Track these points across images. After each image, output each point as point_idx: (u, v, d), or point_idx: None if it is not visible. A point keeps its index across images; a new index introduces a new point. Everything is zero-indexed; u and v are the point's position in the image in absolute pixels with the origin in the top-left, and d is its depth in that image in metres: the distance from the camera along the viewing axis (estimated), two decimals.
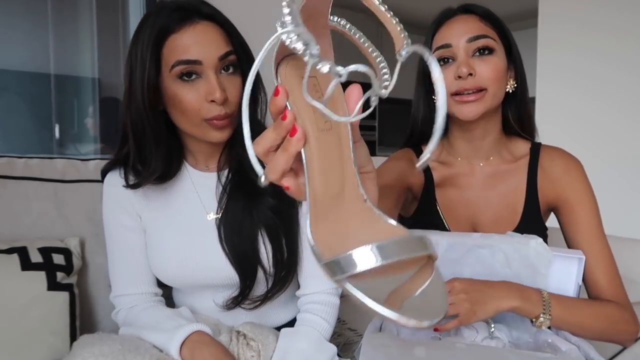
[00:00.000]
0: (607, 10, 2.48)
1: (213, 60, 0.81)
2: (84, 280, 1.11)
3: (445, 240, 0.93)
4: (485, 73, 0.91)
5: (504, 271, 0.89)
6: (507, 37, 0.97)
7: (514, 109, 1.01)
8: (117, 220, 0.94)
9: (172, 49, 0.81)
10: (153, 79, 0.81)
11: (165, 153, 0.88)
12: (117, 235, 0.95)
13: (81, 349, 0.78)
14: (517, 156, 1.03)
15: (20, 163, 1.12)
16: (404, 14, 4.81)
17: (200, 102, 0.81)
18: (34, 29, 2.08)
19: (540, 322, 0.84)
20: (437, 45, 0.95)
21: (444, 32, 0.95)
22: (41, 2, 2.09)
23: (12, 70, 2.05)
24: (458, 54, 0.92)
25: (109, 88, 2.22)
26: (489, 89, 0.92)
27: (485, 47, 0.92)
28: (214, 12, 0.85)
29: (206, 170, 0.94)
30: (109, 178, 0.95)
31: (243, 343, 0.85)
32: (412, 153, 1.08)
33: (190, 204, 0.92)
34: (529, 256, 0.88)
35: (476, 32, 0.92)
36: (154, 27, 0.81)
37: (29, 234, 1.05)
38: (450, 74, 0.92)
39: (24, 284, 0.96)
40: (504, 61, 0.95)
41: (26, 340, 0.95)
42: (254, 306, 0.91)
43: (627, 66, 2.44)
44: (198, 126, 0.84)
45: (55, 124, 2.12)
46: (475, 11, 0.96)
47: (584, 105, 2.56)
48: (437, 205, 1.03)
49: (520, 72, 0.99)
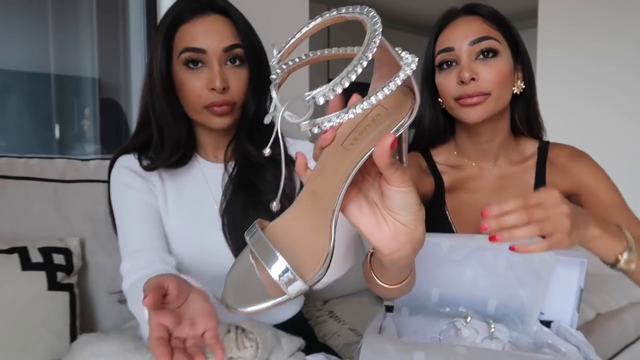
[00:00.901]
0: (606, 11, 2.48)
1: (217, 50, 0.86)
2: (84, 280, 1.11)
3: (447, 242, 0.93)
4: (489, 77, 0.89)
5: (506, 274, 0.88)
6: (513, 37, 0.94)
7: (522, 110, 0.99)
8: (128, 185, 0.92)
9: (182, 37, 0.87)
10: (164, 65, 0.88)
11: (180, 139, 0.92)
12: (127, 197, 0.91)
13: (81, 349, 0.78)
14: (525, 156, 1.01)
15: (20, 163, 1.12)
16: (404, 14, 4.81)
17: (202, 89, 0.86)
18: (34, 29, 2.08)
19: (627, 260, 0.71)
20: (440, 48, 0.93)
21: (446, 34, 0.93)
22: (41, 3, 2.09)
23: (12, 70, 2.05)
24: (461, 57, 0.90)
25: (109, 88, 2.22)
26: (492, 93, 0.90)
27: (488, 50, 0.90)
28: (227, 6, 0.90)
29: (215, 162, 0.98)
30: (123, 160, 0.94)
31: (241, 335, 0.86)
32: (420, 157, 1.06)
33: (200, 193, 0.95)
34: (532, 261, 0.87)
35: (479, 34, 0.90)
36: (170, 17, 0.88)
37: (29, 234, 1.05)
38: (453, 78, 0.91)
39: (24, 284, 0.96)
40: (509, 63, 0.92)
41: (26, 340, 0.95)
42: None
43: (627, 67, 2.44)
44: (200, 113, 0.89)
45: (55, 124, 2.12)
46: (479, 12, 0.93)
47: (583, 106, 2.56)
48: (446, 210, 1.01)
49: (528, 72, 0.96)
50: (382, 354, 0.72)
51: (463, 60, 0.90)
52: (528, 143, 1.02)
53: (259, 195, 0.90)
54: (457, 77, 0.90)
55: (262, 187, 0.91)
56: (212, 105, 0.86)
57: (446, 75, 0.93)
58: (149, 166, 0.92)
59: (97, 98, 2.18)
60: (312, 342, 1.01)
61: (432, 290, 0.94)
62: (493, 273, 0.89)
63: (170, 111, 0.90)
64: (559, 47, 2.63)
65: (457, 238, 0.93)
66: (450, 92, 0.92)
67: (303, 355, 0.89)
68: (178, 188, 0.95)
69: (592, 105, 2.53)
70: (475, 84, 0.89)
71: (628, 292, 1.65)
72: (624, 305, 1.61)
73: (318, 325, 1.27)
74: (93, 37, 2.17)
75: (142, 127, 0.95)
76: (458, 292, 0.90)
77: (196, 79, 0.86)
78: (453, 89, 0.91)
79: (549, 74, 2.66)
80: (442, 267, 0.93)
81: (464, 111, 0.92)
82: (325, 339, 1.20)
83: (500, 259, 0.88)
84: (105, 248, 1.13)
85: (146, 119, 0.94)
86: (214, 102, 0.86)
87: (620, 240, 0.72)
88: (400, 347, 0.74)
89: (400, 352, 0.72)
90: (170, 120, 0.90)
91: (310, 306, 1.37)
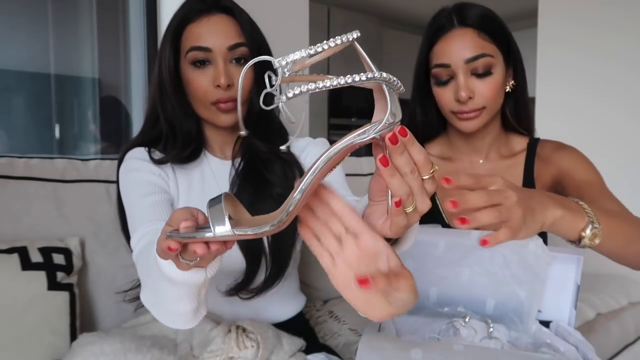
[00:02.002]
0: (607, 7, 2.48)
1: (222, 49, 0.89)
2: (84, 280, 1.11)
3: (444, 241, 0.93)
4: (484, 92, 0.92)
5: (503, 272, 0.89)
6: (505, 41, 0.96)
7: (513, 107, 1.02)
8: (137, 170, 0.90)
9: (188, 37, 0.90)
10: (172, 64, 0.91)
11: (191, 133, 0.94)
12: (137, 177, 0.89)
13: (82, 348, 0.79)
14: (515, 151, 1.05)
15: (20, 163, 1.12)
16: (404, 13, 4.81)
17: (208, 86, 0.89)
18: (34, 28, 2.08)
19: (590, 236, 0.67)
20: (436, 62, 0.95)
21: (441, 47, 0.94)
22: (41, 2, 2.09)
23: (12, 70, 2.05)
24: (457, 73, 0.93)
25: (109, 88, 2.22)
26: (487, 106, 0.94)
27: (484, 67, 0.92)
28: (232, 6, 0.92)
29: (223, 158, 1.00)
30: (133, 152, 0.94)
31: (242, 335, 0.86)
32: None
33: (208, 188, 0.96)
34: (527, 259, 0.88)
35: (474, 51, 0.91)
36: (177, 18, 0.92)
37: (29, 234, 1.06)
38: (450, 92, 0.94)
39: (24, 283, 0.96)
40: (503, 72, 0.95)
41: (26, 339, 0.95)
42: (250, 296, 0.92)
43: (628, 63, 2.44)
44: (207, 110, 0.91)
45: (55, 124, 2.12)
46: (471, 23, 0.93)
47: (584, 103, 2.56)
48: (436, 198, 1.04)
49: (519, 72, 0.99)
50: (380, 351, 0.73)
51: (460, 79, 0.92)
52: (518, 139, 1.06)
53: (267, 189, 0.92)
54: (453, 92, 0.94)
55: (270, 178, 0.92)
56: (217, 102, 0.89)
57: (443, 89, 0.96)
58: (161, 160, 0.93)
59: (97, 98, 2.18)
60: (313, 342, 1.01)
61: (430, 290, 0.94)
62: (490, 272, 0.90)
63: (180, 109, 0.93)
64: (559, 44, 2.62)
65: (453, 236, 0.94)
66: (447, 104, 0.96)
67: (304, 356, 0.90)
68: (188, 182, 0.96)
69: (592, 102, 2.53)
70: (472, 101, 0.93)
71: (628, 292, 1.65)
72: (624, 305, 1.61)
73: (318, 325, 1.27)
74: (93, 37, 2.17)
75: (151, 124, 0.98)
76: (456, 292, 0.91)
77: (203, 77, 0.89)
78: (450, 102, 0.95)
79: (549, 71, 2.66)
80: (439, 267, 0.94)
81: (459, 123, 0.96)
82: (325, 339, 1.20)
83: (497, 258, 0.89)
84: (105, 248, 1.13)
85: (154, 116, 0.96)
86: (219, 98, 0.89)
87: (582, 216, 0.67)
88: (397, 344, 0.75)
89: (397, 350, 0.73)
90: (181, 117, 0.93)
91: (310, 306, 1.37)
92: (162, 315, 0.68)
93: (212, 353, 0.82)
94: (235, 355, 0.82)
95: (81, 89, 2.18)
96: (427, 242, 0.96)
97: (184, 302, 0.63)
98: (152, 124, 0.97)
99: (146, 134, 0.98)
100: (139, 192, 0.88)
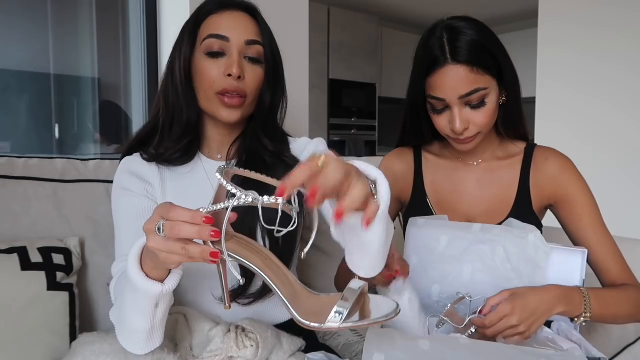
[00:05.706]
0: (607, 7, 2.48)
1: (240, 41, 0.90)
2: (84, 280, 1.10)
3: (446, 236, 0.94)
4: (479, 121, 0.94)
5: (504, 266, 0.90)
6: (498, 65, 0.94)
7: (502, 120, 1.04)
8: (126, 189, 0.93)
9: (208, 26, 0.92)
10: (188, 52, 0.92)
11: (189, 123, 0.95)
12: (124, 201, 0.93)
13: (82, 348, 0.78)
14: (511, 154, 1.07)
15: (20, 163, 1.11)
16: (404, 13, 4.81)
17: (218, 75, 0.90)
18: (34, 28, 2.07)
19: (581, 320, 0.87)
20: (431, 94, 0.95)
21: (434, 82, 0.93)
22: (41, 2, 2.09)
23: (12, 70, 2.05)
24: (452, 106, 0.94)
25: (109, 88, 2.22)
26: (482, 131, 0.96)
27: (478, 99, 0.93)
28: (253, 7, 0.96)
29: (218, 160, 0.99)
30: (126, 162, 0.97)
31: (242, 335, 0.86)
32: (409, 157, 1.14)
33: (203, 192, 0.95)
34: (527, 251, 0.89)
35: (468, 88, 0.91)
36: (199, 9, 0.94)
37: (28, 234, 1.05)
38: (445, 120, 0.96)
39: (24, 284, 0.95)
40: (497, 96, 0.96)
41: (26, 340, 0.95)
42: (249, 302, 0.92)
43: (627, 64, 2.44)
44: (211, 100, 0.91)
45: (55, 124, 2.12)
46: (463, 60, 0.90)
47: (584, 104, 2.56)
48: (427, 200, 1.08)
49: (512, 87, 0.99)
50: (388, 340, 0.73)
51: (454, 112, 0.94)
52: (514, 144, 1.08)
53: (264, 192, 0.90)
54: (449, 121, 0.96)
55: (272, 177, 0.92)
56: (224, 92, 0.89)
57: (439, 116, 0.98)
58: (152, 157, 0.94)
59: (97, 98, 2.18)
60: (313, 342, 1.01)
61: (432, 287, 0.94)
62: (492, 267, 0.90)
63: (184, 96, 0.93)
64: (559, 44, 2.63)
65: (454, 230, 0.95)
66: (442, 130, 0.99)
67: (303, 355, 0.89)
68: (180, 187, 0.95)
69: (592, 103, 2.53)
70: (467, 131, 0.95)
71: None
72: None
73: None
74: (93, 37, 2.17)
75: (152, 115, 0.99)
76: (458, 289, 0.91)
77: (215, 66, 0.90)
78: (445, 128, 0.98)
79: (549, 72, 2.66)
80: (441, 263, 0.94)
81: (456, 145, 1.00)
82: (325, 339, 1.20)
83: (498, 251, 0.90)
84: (105, 248, 1.13)
85: (157, 109, 0.97)
86: (226, 87, 0.89)
87: (579, 309, 0.86)
88: (405, 336, 0.76)
89: (405, 339, 0.74)
90: (183, 106, 0.94)
91: None
92: (122, 335, 0.75)
93: (211, 353, 0.82)
94: (234, 355, 0.82)
95: (81, 89, 2.18)
96: (431, 236, 0.97)
97: (138, 316, 0.68)
98: (154, 116, 0.99)
99: (146, 127, 0.99)
100: (124, 217, 0.91)
